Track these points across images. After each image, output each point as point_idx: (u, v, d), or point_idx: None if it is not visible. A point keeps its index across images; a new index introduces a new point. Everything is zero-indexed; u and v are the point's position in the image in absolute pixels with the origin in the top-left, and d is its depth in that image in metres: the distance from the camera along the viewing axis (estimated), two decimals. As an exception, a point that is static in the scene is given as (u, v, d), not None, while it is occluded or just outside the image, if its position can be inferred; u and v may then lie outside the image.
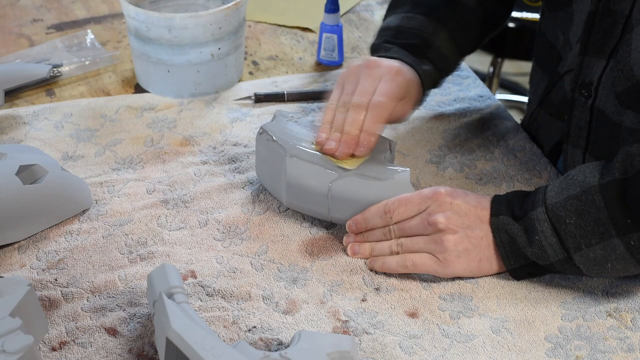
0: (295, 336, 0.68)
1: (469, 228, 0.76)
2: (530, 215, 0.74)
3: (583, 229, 0.71)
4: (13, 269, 0.78)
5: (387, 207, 0.78)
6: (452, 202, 0.76)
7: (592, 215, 0.71)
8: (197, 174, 0.92)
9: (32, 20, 1.24)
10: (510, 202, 0.77)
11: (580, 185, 0.73)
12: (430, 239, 0.76)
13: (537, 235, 0.73)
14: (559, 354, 0.71)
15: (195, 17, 0.99)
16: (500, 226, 0.76)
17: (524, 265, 0.76)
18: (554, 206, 0.73)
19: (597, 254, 0.72)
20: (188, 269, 0.79)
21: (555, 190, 0.74)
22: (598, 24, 0.79)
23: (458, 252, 0.76)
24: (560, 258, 0.73)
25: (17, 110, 1.02)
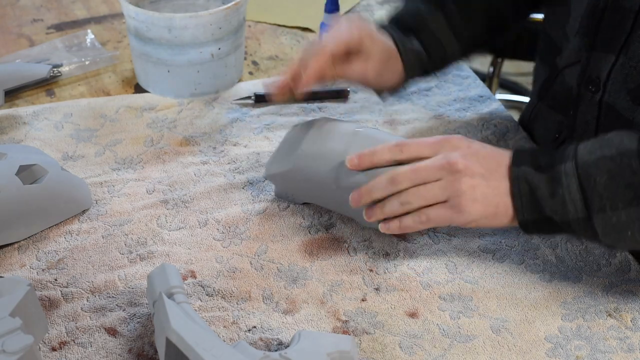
0: (295, 336, 0.68)
1: (487, 172, 0.73)
2: (558, 167, 0.72)
3: (612, 191, 0.69)
4: (13, 269, 0.78)
5: (398, 143, 0.76)
6: (469, 146, 0.75)
7: (626, 178, 0.69)
8: (197, 174, 0.92)
9: (32, 20, 1.24)
10: (535, 154, 0.74)
11: (617, 147, 0.70)
12: (445, 183, 0.73)
13: (562, 189, 0.71)
14: (559, 354, 0.71)
15: (195, 17, 0.99)
16: (520, 175, 0.73)
17: (537, 219, 0.73)
18: (585, 163, 0.71)
19: (621, 219, 0.69)
20: (188, 269, 0.79)
21: (587, 149, 0.72)
22: (607, 20, 0.79)
23: (475, 196, 0.73)
24: (579, 217, 0.71)
25: (17, 110, 1.02)
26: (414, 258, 0.81)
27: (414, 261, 0.80)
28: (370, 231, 0.84)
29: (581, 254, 0.81)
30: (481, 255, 0.81)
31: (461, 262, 0.80)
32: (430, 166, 0.74)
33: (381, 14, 1.28)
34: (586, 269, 0.79)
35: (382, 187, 0.75)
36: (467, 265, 0.80)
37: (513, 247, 0.82)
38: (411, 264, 0.80)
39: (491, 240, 0.83)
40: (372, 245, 0.82)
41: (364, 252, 0.81)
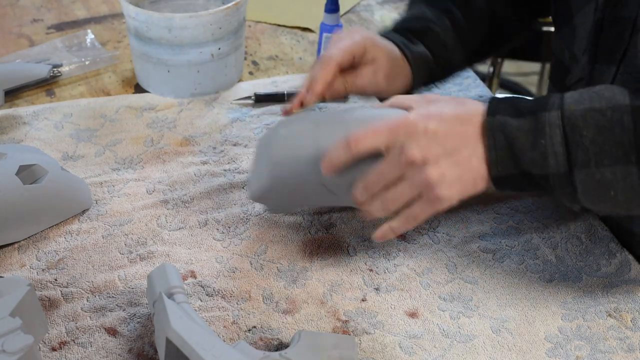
0: (295, 336, 0.68)
1: (453, 147, 0.68)
2: (541, 116, 0.67)
3: (599, 146, 0.65)
4: (13, 269, 0.78)
5: (348, 141, 0.70)
6: (425, 129, 0.68)
7: (616, 134, 0.65)
8: (197, 174, 0.92)
9: (32, 20, 1.24)
10: (514, 101, 0.69)
11: (608, 100, 0.66)
12: (412, 180, 0.69)
13: (544, 139, 0.66)
14: (559, 354, 0.71)
15: (195, 17, 0.99)
16: (496, 125, 0.68)
17: (512, 174, 0.68)
18: (572, 114, 0.66)
19: (605, 177, 0.65)
20: (188, 269, 0.79)
21: (576, 98, 0.67)
22: (606, 32, 0.78)
23: (448, 182, 0.68)
24: (560, 171, 0.67)
25: (17, 110, 1.02)
26: (414, 258, 0.81)
27: (414, 261, 0.80)
28: (370, 231, 0.84)
29: (581, 254, 0.81)
30: (481, 255, 0.81)
31: (461, 262, 0.80)
32: (392, 168, 0.70)
33: (381, 14, 1.28)
34: (586, 269, 0.80)
35: (361, 196, 0.72)
36: (467, 265, 0.80)
37: (513, 247, 0.82)
38: (411, 264, 0.80)
39: (491, 240, 0.83)
40: (372, 245, 0.82)
41: (364, 252, 0.81)
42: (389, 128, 0.69)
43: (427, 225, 0.85)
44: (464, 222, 0.85)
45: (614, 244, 0.82)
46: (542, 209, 0.86)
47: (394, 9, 1.30)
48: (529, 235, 0.83)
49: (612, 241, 0.82)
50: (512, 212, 0.86)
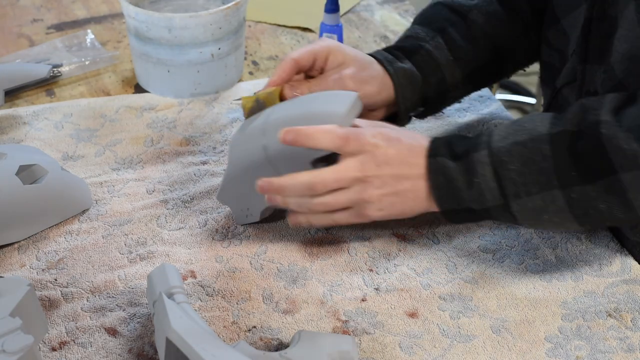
0: (295, 336, 0.68)
1: (398, 176, 0.74)
2: (472, 157, 0.72)
3: (525, 177, 0.70)
4: (13, 269, 0.78)
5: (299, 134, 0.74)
6: (377, 147, 0.73)
7: (537, 163, 0.70)
8: (197, 174, 0.92)
9: (32, 20, 1.24)
10: (450, 143, 0.74)
11: (529, 132, 0.71)
12: (352, 194, 0.74)
13: (477, 178, 0.71)
14: (559, 354, 0.71)
15: (195, 17, 0.99)
16: (437, 168, 0.73)
17: (457, 209, 0.74)
18: (499, 150, 0.71)
19: (536, 204, 0.70)
20: (188, 269, 0.79)
21: (501, 135, 0.72)
22: (595, 31, 0.78)
23: (381, 206, 0.74)
24: (497, 204, 0.72)
25: (17, 110, 1.02)
26: (414, 258, 0.81)
27: (414, 261, 0.80)
28: (370, 231, 0.84)
29: (581, 254, 0.81)
30: (481, 255, 0.81)
31: (461, 262, 0.80)
32: (350, 176, 0.74)
33: (381, 14, 1.28)
34: (586, 269, 0.79)
35: (298, 191, 0.75)
36: (467, 265, 0.80)
37: (513, 247, 0.82)
38: (411, 264, 0.80)
39: (491, 240, 0.83)
40: (372, 245, 0.82)
41: (364, 252, 0.81)
42: (342, 136, 0.73)
43: (427, 225, 0.85)
44: (464, 222, 0.85)
45: (614, 243, 0.82)
46: (542, 209, 0.86)
47: (394, 9, 1.30)
48: (529, 235, 0.83)
49: (612, 241, 0.82)
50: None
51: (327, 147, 0.74)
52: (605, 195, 0.68)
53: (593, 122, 0.69)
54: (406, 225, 0.84)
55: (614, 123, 0.68)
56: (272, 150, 0.77)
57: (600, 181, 0.68)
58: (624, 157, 0.67)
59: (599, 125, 0.68)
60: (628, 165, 0.67)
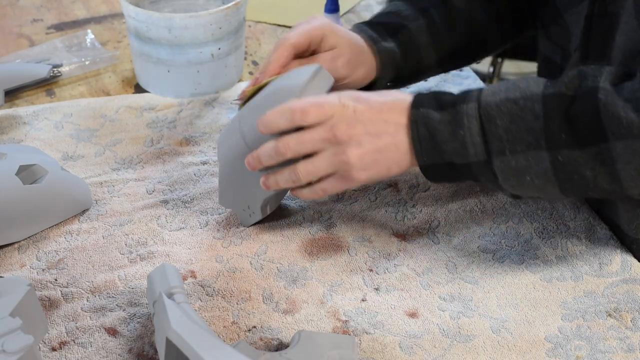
0: (295, 336, 0.68)
1: (378, 132, 0.72)
2: (460, 108, 0.71)
3: (512, 134, 0.69)
4: (13, 269, 0.78)
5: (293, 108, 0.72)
6: (354, 110, 0.72)
7: (527, 122, 0.68)
8: (197, 174, 0.92)
9: (32, 20, 1.24)
10: (437, 96, 0.73)
11: (522, 90, 0.70)
12: (331, 156, 0.73)
13: (462, 130, 0.70)
14: (559, 354, 0.71)
15: (195, 17, 0.99)
16: (419, 119, 0.71)
17: (437, 164, 0.72)
18: (488, 104, 0.70)
19: (520, 163, 0.69)
20: (188, 269, 0.79)
21: (493, 90, 0.71)
22: (596, 27, 0.78)
23: (364, 165, 0.72)
24: (479, 160, 0.70)
25: (17, 110, 1.02)
26: (414, 258, 0.81)
27: (414, 261, 0.80)
28: (370, 231, 0.84)
29: (581, 253, 0.81)
30: (481, 255, 0.81)
31: (461, 262, 0.80)
32: (315, 138, 0.73)
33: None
34: (586, 268, 0.79)
35: (269, 155, 0.75)
36: (467, 265, 0.80)
37: (513, 247, 0.82)
38: (411, 264, 0.80)
39: (491, 240, 0.83)
40: (372, 245, 0.82)
41: (364, 252, 0.81)
42: (324, 109, 0.72)
43: (427, 225, 0.85)
44: (464, 222, 0.85)
45: (614, 243, 0.82)
46: (542, 209, 0.86)
47: (394, 9, 1.30)
48: (528, 235, 0.83)
49: (612, 240, 0.82)
50: (512, 212, 0.86)
51: (285, 126, 0.73)
52: (593, 163, 0.67)
53: (591, 88, 0.67)
54: (406, 225, 0.85)
55: (612, 91, 0.67)
56: (249, 136, 0.77)
57: (590, 147, 0.67)
58: (619, 124, 0.65)
59: (596, 91, 0.67)
60: (621, 134, 0.65)
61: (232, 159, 0.80)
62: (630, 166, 0.66)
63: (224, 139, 0.82)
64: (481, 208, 0.87)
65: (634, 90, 0.67)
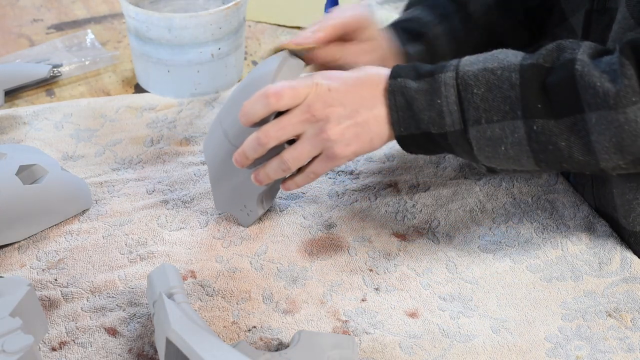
0: (295, 336, 0.68)
1: (356, 106, 0.72)
2: (438, 77, 0.71)
3: (489, 103, 0.69)
4: (13, 269, 0.78)
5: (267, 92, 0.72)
6: (329, 88, 0.72)
7: (503, 91, 0.68)
8: (197, 174, 0.92)
9: (32, 20, 1.24)
10: (415, 66, 0.73)
11: (500, 61, 0.70)
12: (312, 136, 0.72)
13: (440, 99, 0.70)
14: (559, 354, 0.71)
15: (195, 17, 0.99)
16: (397, 88, 0.72)
17: (414, 134, 0.72)
18: (466, 74, 0.70)
19: (495, 132, 0.69)
20: (188, 269, 0.79)
21: (471, 60, 0.71)
22: (595, 23, 0.78)
23: (346, 141, 0.72)
24: (456, 129, 0.70)
25: (17, 110, 1.02)
26: (414, 258, 0.81)
27: (414, 261, 0.80)
28: (370, 231, 0.84)
29: (581, 253, 0.81)
30: (481, 255, 0.81)
31: (461, 262, 0.80)
32: (294, 122, 0.73)
33: (381, 14, 1.28)
34: (586, 268, 0.79)
35: (253, 148, 0.74)
36: (467, 265, 0.80)
37: (513, 247, 0.82)
38: (411, 264, 0.80)
39: (491, 240, 0.83)
40: (372, 245, 0.82)
41: (364, 252, 0.81)
42: (296, 91, 0.72)
43: (427, 225, 0.85)
44: (464, 222, 0.85)
45: (614, 242, 0.82)
46: (542, 209, 0.86)
47: (394, 8, 1.30)
48: (529, 235, 0.83)
49: (612, 238, 0.82)
50: (512, 212, 0.86)
51: (263, 113, 0.72)
52: (568, 134, 0.67)
53: (568, 59, 0.67)
54: (406, 225, 0.85)
55: (589, 63, 0.67)
56: (231, 133, 0.77)
57: (565, 118, 0.67)
58: (594, 94, 0.65)
59: (574, 63, 0.67)
60: (597, 104, 0.65)
61: (220, 160, 0.80)
62: (603, 137, 0.66)
63: (208, 142, 0.82)
64: (481, 208, 0.87)
65: (611, 62, 0.66)
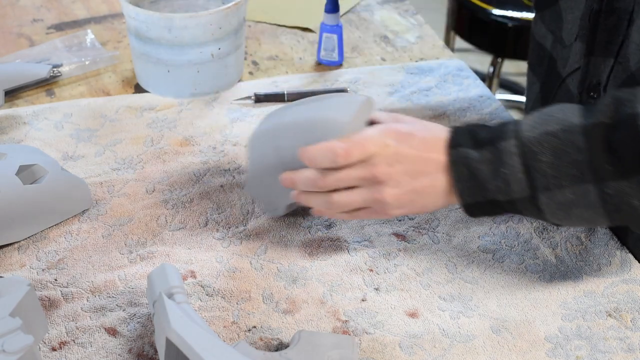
0: (295, 336, 0.68)
1: (415, 173, 0.72)
2: (499, 146, 0.69)
3: (557, 169, 0.67)
4: (13, 269, 0.78)
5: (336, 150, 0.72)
6: (396, 150, 0.72)
7: (570, 156, 0.67)
8: (197, 174, 0.92)
9: (32, 20, 1.24)
10: (472, 132, 0.72)
11: (561, 122, 0.68)
12: (367, 193, 0.73)
13: (505, 168, 0.69)
14: (559, 354, 0.71)
15: (196, 17, 0.99)
16: (459, 159, 0.71)
17: (480, 202, 0.71)
18: (528, 140, 0.68)
19: (567, 197, 0.68)
20: (188, 269, 0.79)
21: (529, 124, 0.69)
22: (603, 23, 0.78)
23: (400, 205, 0.73)
24: (524, 196, 0.69)
25: (17, 110, 1.02)
26: (414, 258, 0.81)
27: (414, 261, 0.80)
28: (370, 231, 0.84)
29: (581, 253, 0.81)
30: (481, 255, 0.81)
31: (461, 262, 0.80)
32: (354, 176, 0.73)
33: (381, 14, 1.28)
34: (586, 269, 0.79)
35: (305, 185, 0.75)
36: (467, 265, 0.80)
37: (513, 247, 0.82)
38: (411, 264, 0.80)
39: (491, 240, 0.83)
40: (372, 245, 0.82)
41: (364, 252, 0.81)
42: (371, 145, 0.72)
43: (427, 225, 0.85)
44: (464, 222, 0.85)
45: (614, 243, 0.82)
46: (542, 209, 0.86)
47: (394, 9, 1.30)
48: (528, 235, 0.83)
49: (612, 240, 0.82)
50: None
51: (326, 165, 0.73)
52: None
53: (630, 114, 0.66)
54: (406, 225, 0.85)
55: None
56: (284, 153, 0.77)
57: (636, 176, 0.66)
58: None
59: (635, 118, 0.65)
60: None
61: (264, 163, 0.79)
62: None
63: (256, 141, 0.81)
64: (481, 208, 0.87)
65: None
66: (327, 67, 1.14)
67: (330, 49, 1.12)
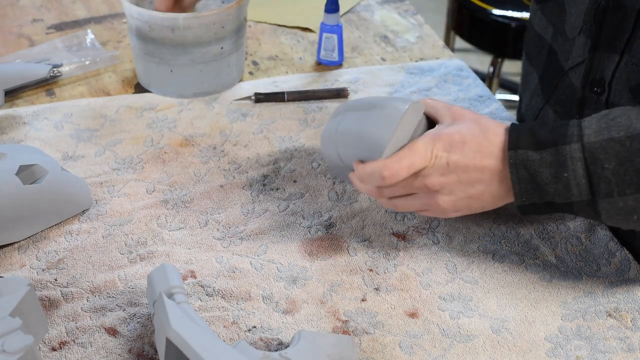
0: (295, 336, 0.68)
1: (469, 184, 0.73)
2: (562, 149, 0.69)
3: (621, 177, 0.67)
4: (13, 269, 0.78)
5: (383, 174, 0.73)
6: (447, 161, 0.72)
7: (635, 164, 0.66)
8: (197, 174, 0.92)
9: (32, 20, 1.24)
10: (533, 131, 0.71)
11: (626, 129, 0.67)
12: (423, 200, 0.75)
13: (567, 172, 0.68)
14: (559, 354, 0.71)
15: (199, 17, 0.99)
16: (519, 162, 0.70)
17: (536, 203, 0.71)
18: (592, 146, 0.68)
19: (628, 204, 0.68)
20: (188, 269, 0.79)
21: (593, 129, 0.69)
22: (609, 20, 0.78)
23: (456, 209, 0.75)
24: (583, 199, 0.69)
25: (17, 110, 1.02)
26: (414, 258, 0.81)
27: (414, 261, 0.80)
28: (370, 231, 0.84)
29: (581, 254, 0.81)
30: (481, 255, 0.81)
31: (461, 262, 0.80)
32: (408, 188, 0.74)
33: (381, 14, 1.28)
34: (586, 269, 0.80)
35: (365, 191, 0.78)
36: (467, 265, 0.80)
37: (513, 247, 0.82)
38: (411, 264, 0.80)
39: (491, 240, 0.83)
40: (372, 245, 0.82)
41: (364, 252, 0.81)
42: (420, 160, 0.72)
43: (427, 225, 0.85)
44: (464, 222, 0.85)
45: (614, 243, 0.82)
46: (542, 209, 0.86)
47: (394, 9, 1.30)
48: (528, 235, 0.83)
49: (612, 241, 0.82)
50: (512, 213, 0.86)
51: (375, 185, 0.75)
52: None
53: None
54: (406, 225, 0.85)
55: None
56: (343, 157, 0.79)
57: None
58: None
59: None
60: None
61: (333, 161, 0.81)
62: None
63: (324, 141, 0.81)
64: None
65: None
66: (327, 67, 1.14)
67: (330, 49, 1.12)
